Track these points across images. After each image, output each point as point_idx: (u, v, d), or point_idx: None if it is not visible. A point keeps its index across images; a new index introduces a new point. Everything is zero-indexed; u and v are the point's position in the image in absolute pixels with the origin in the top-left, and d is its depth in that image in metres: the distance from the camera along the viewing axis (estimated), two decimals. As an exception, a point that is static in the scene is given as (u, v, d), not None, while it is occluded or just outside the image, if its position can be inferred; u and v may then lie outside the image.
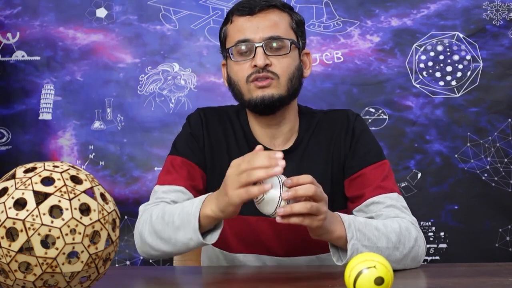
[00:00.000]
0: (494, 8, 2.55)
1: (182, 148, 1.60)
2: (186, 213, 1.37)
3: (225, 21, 1.59)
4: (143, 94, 2.59)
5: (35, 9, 2.59)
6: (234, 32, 1.54)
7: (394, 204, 1.50)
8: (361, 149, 1.58)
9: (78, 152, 2.58)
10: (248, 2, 1.54)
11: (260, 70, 1.50)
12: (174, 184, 1.54)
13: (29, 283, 1.00)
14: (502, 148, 2.54)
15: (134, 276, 1.47)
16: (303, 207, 1.23)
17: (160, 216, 1.43)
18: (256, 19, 1.52)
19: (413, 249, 1.44)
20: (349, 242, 1.33)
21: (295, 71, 1.54)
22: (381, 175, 1.55)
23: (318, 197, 1.25)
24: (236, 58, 1.53)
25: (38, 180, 1.01)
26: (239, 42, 1.52)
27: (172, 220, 1.39)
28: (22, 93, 2.58)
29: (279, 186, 1.23)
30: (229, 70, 1.57)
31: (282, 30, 1.53)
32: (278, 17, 1.54)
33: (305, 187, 1.24)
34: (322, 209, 1.26)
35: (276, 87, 1.51)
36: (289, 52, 1.52)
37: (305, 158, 1.59)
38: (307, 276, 1.41)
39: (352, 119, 1.62)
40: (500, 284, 1.27)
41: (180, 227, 1.38)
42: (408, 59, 2.57)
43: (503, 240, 2.54)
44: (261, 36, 1.51)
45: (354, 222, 1.35)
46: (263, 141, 1.59)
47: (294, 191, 1.23)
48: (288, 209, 1.22)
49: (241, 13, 1.54)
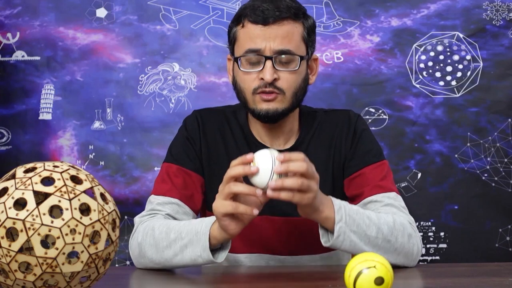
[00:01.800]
0: (494, 8, 2.55)
1: (178, 154, 1.60)
2: (195, 231, 1.39)
3: (236, 21, 1.55)
4: (143, 94, 2.59)
5: (35, 9, 2.58)
6: (244, 38, 1.52)
7: (392, 203, 1.51)
8: (361, 149, 1.59)
9: (78, 152, 2.58)
10: (262, 10, 1.50)
11: (267, 85, 1.49)
12: (169, 195, 1.55)
13: (29, 283, 1.00)
14: (502, 148, 2.54)
15: (134, 276, 1.47)
16: (294, 183, 1.26)
17: (164, 232, 1.44)
18: (268, 30, 1.49)
19: (407, 245, 1.44)
20: (336, 224, 1.34)
21: (301, 84, 1.54)
22: (380, 175, 1.55)
23: (310, 174, 1.28)
24: (244, 67, 1.52)
25: (38, 180, 1.01)
26: (249, 51, 1.50)
27: (180, 237, 1.41)
28: (22, 93, 2.58)
29: (272, 160, 1.26)
30: (236, 74, 1.56)
31: (293, 44, 1.50)
32: (291, 28, 1.51)
33: (297, 163, 1.27)
34: (312, 187, 1.29)
35: (281, 102, 1.51)
36: (298, 68, 1.52)
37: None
38: (307, 276, 1.41)
39: (353, 119, 1.62)
40: (500, 284, 1.27)
41: (188, 245, 1.39)
42: (408, 59, 2.57)
43: (503, 240, 2.54)
44: (272, 47, 1.49)
45: (345, 207, 1.37)
46: (264, 140, 1.60)
47: (286, 165, 1.26)
48: (280, 182, 1.25)
49: (254, 20, 1.50)
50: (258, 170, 1.26)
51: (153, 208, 1.55)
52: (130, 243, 1.53)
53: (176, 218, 1.54)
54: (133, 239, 1.52)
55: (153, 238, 1.45)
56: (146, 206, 1.58)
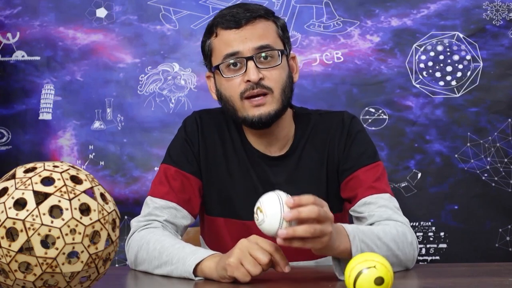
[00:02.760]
0: (494, 8, 2.55)
1: (176, 156, 1.59)
2: (182, 259, 1.36)
3: (209, 34, 1.55)
4: (143, 94, 2.59)
5: (35, 9, 2.58)
6: (220, 45, 1.51)
7: (386, 205, 1.50)
8: (355, 151, 1.57)
9: (78, 152, 2.58)
10: (232, 14, 1.50)
11: (254, 86, 1.48)
12: (166, 199, 1.54)
13: (29, 283, 1.00)
14: (502, 148, 2.54)
15: (134, 276, 1.47)
16: (306, 231, 1.17)
17: (158, 251, 1.43)
18: (243, 31, 1.49)
19: (409, 254, 1.44)
20: (353, 255, 1.32)
21: (286, 81, 1.53)
22: (374, 176, 1.54)
23: (323, 217, 1.19)
24: (226, 74, 1.51)
25: (38, 180, 1.01)
26: (228, 56, 1.49)
27: (170, 262, 1.39)
28: (22, 93, 2.58)
29: (280, 205, 1.18)
30: (219, 85, 1.55)
31: (270, 39, 1.51)
32: (265, 26, 1.52)
33: (308, 208, 1.17)
34: (326, 231, 1.20)
35: (271, 103, 1.50)
36: (280, 63, 1.51)
37: (301, 162, 1.58)
38: (307, 276, 1.41)
39: (347, 121, 1.60)
40: (500, 284, 1.27)
41: (174, 271, 1.38)
42: (408, 59, 2.57)
43: (503, 240, 2.54)
44: (250, 46, 1.48)
45: (358, 234, 1.32)
46: (259, 148, 1.59)
47: (297, 212, 1.17)
48: (291, 231, 1.17)
49: (227, 26, 1.50)
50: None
51: (151, 212, 1.54)
52: (127, 248, 1.53)
53: (174, 223, 1.54)
54: (129, 247, 1.52)
55: (147, 253, 1.45)
56: (143, 209, 1.57)
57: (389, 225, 1.45)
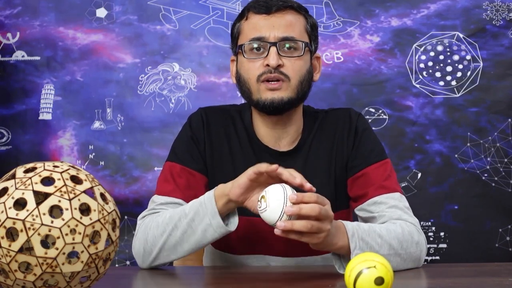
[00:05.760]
0: (494, 8, 2.55)
1: (182, 153, 1.58)
2: (199, 203, 1.40)
3: (240, 17, 1.58)
4: (143, 94, 2.59)
5: (35, 9, 2.59)
6: (249, 29, 1.53)
7: (396, 205, 1.50)
8: (364, 148, 1.58)
9: (78, 152, 2.58)
10: (265, 0, 1.53)
11: (272, 70, 1.49)
12: (172, 195, 1.53)
13: (29, 283, 1.00)
14: (502, 148, 2.54)
15: (134, 276, 1.47)
16: (304, 226, 1.23)
17: (168, 217, 1.44)
18: (272, 18, 1.52)
19: (415, 253, 1.44)
20: (352, 252, 1.33)
21: (306, 74, 1.53)
22: (384, 174, 1.54)
23: (323, 216, 1.24)
24: (248, 56, 1.52)
25: (38, 180, 1.01)
26: (253, 40, 1.51)
27: (184, 214, 1.42)
28: (22, 93, 2.58)
29: (284, 199, 1.23)
30: (240, 66, 1.56)
31: (297, 32, 1.52)
32: (294, 18, 1.53)
33: (310, 206, 1.23)
34: (324, 228, 1.26)
35: (286, 90, 1.50)
36: (302, 55, 1.52)
37: (309, 158, 1.58)
38: (307, 276, 1.41)
39: (354, 118, 1.61)
40: (500, 284, 1.27)
41: (195, 218, 1.40)
42: (408, 59, 2.57)
43: (503, 240, 2.54)
44: (276, 35, 1.50)
45: (357, 231, 1.35)
46: (268, 142, 1.58)
47: (298, 209, 1.22)
48: (289, 225, 1.22)
49: (258, 11, 1.53)
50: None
51: (155, 207, 1.54)
52: (134, 243, 1.51)
53: None
54: (136, 238, 1.50)
55: (157, 227, 1.45)
56: (149, 206, 1.56)
57: (396, 223, 1.45)
